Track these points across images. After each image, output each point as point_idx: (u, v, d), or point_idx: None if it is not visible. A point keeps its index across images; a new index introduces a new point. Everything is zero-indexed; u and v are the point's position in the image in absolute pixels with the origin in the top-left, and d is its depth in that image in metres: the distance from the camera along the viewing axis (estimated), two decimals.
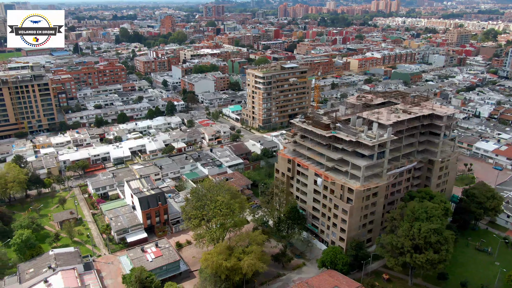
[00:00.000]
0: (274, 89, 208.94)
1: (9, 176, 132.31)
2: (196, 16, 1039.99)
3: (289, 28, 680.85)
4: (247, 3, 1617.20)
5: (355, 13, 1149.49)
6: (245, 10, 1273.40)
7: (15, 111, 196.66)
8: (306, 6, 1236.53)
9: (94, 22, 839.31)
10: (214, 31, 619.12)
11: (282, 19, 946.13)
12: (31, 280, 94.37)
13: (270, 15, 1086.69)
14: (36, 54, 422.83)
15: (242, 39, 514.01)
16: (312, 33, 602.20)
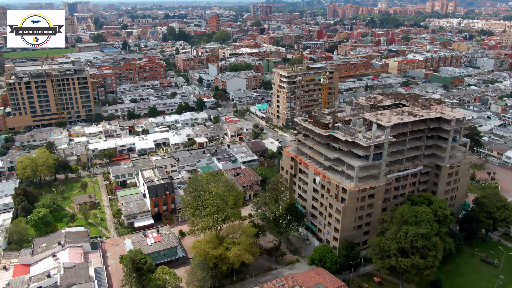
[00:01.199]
0: (299, 89, 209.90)
1: (39, 160, 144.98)
2: (245, 15, 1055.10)
3: (334, 28, 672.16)
4: (297, 3, 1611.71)
5: (408, 13, 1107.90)
6: (293, 10, 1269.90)
7: (57, 102, 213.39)
8: (357, 6, 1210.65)
9: (146, 21, 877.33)
10: (258, 31, 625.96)
11: (330, 19, 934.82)
12: (42, 254, 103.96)
13: (319, 15, 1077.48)
14: (88, 50, 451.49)
15: (283, 39, 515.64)
16: (356, 34, 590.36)
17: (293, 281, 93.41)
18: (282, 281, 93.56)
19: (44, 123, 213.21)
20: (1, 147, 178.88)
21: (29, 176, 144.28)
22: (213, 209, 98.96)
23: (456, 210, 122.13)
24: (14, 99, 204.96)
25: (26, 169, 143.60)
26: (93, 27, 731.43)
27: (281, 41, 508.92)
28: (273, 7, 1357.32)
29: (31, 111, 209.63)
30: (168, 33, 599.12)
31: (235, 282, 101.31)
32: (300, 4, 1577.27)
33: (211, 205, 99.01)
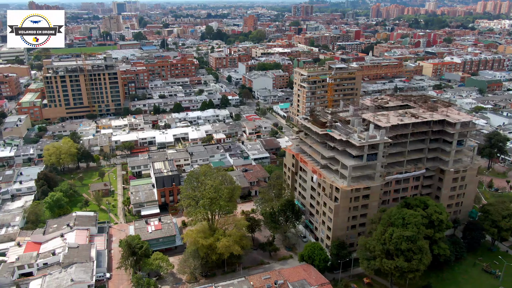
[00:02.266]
0: (319, 89, 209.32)
1: (63, 149, 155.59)
2: (285, 15, 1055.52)
3: (374, 29, 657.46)
4: (341, 3, 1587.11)
5: (457, 14, 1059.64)
6: (336, 10, 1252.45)
7: (88, 95, 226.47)
8: (402, 7, 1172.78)
9: (188, 20, 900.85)
10: (295, 31, 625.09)
11: (372, 20, 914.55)
12: (52, 234, 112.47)
13: (362, 16, 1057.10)
14: (128, 48, 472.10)
15: (319, 39, 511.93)
16: (396, 35, 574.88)
17: (279, 275, 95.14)
18: (268, 275, 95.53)
19: (77, 115, 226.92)
20: (35, 136, 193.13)
21: (54, 163, 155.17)
22: (207, 201, 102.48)
23: (463, 217, 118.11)
24: (50, 92, 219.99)
25: (51, 156, 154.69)
26: (137, 25, 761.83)
27: (317, 41, 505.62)
28: (315, 7, 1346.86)
29: (65, 103, 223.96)
30: (206, 32, 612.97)
31: (226, 272, 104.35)
32: (344, 4, 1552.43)
33: (205, 197, 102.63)
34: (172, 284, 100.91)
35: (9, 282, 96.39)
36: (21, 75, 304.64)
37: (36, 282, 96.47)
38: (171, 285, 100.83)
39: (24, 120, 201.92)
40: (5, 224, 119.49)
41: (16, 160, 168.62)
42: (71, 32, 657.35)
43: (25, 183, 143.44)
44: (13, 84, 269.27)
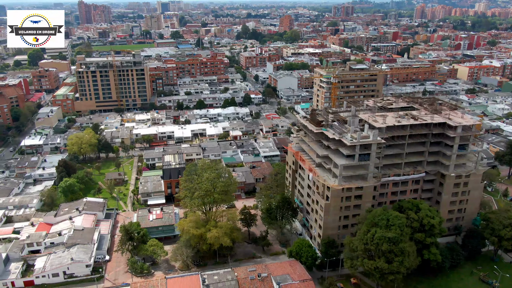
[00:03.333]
0: (338, 89, 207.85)
1: (84, 139, 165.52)
2: (325, 16, 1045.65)
3: (414, 30, 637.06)
4: (386, 4, 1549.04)
5: (509, 16, 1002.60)
6: (379, 11, 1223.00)
7: (117, 90, 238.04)
8: (450, 8, 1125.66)
9: (227, 19, 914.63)
10: (332, 31, 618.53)
11: (416, 21, 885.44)
12: (63, 216, 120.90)
13: (405, 17, 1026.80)
14: (164, 46, 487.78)
15: (354, 40, 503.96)
16: (437, 37, 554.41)
17: (265, 269, 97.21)
18: (254, 268, 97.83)
19: (106, 108, 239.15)
20: (64, 126, 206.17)
21: (75, 152, 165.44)
22: (202, 193, 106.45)
23: (466, 224, 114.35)
24: (82, 86, 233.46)
25: (73, 146, 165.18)
26: (177, 24, 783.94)
27: (351, 42, 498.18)
28: (358, 8, 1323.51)
29: (95, 97, 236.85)
30: (242, 32, 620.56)
31: (217, 263, 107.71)
32: (389, 5, 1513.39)
33: (200, 189, 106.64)
34: (165, 270, 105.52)
35: (18, 257, 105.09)
36: (61, 70, 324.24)
37: (42, 259, 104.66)
38: (164, 271, 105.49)
39: (55, 112, 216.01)
40: (23, 205, 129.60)
41: (44, 148, 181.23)
42: (114, 30, 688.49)
43: (47, 169, 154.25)
44: (52, 78, 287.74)
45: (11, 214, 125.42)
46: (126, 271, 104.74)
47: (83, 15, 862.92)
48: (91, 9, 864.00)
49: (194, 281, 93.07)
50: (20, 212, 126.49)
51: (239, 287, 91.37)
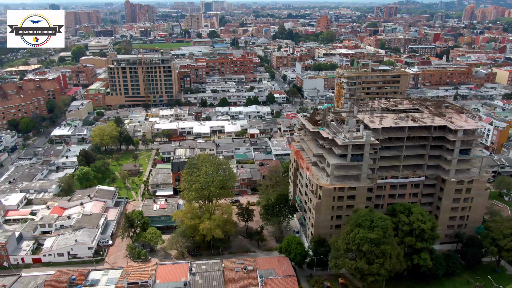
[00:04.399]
0: (359, 90, 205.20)
1: (106, 131, 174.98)
2: (367, 16, 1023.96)
3: (459, 32, 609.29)
4: (434, 5, 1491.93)
5: None
6: (425, 12, 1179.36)
7: (145, 86, 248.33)
8: (503, 9, 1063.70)
9: (267, 19, 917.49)
10: (370, 32, 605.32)
11: (464, 22, 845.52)
12: (75, 202, 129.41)
13: (453, 18, 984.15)
14: (200, 45, 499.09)
15: (391, 42, 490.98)
16: (482, 39, 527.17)
17: (252, 262, 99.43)
18: (242, 261, 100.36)
19: (134, 103, 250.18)
20: (92, 119, 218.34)
21: (97, 143, 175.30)
22: (199, 185, 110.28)
23: (469, 232, 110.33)
24: (113, 81, 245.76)
25: (96, 137, 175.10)
26: (216, 24, 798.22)
27: (388, 43, 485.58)
28: (403, 9, 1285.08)
29: (124, 92, 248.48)
30: (278, 32, 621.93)
31: (211, 254, 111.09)
32: (438, 5, 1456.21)
33: (198, 182, 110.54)
34: (161, 258, 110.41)
35: (30, 236, 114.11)
36: (99, 66, 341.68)
37: (51, 239, 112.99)
38: (160, 258, 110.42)
39: (86, 105, 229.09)
40: (43, 190, 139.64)
41: (72, 138, 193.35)
42: (156, 29, 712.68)
43: (70, 158, 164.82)
44: (89, 73, 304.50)
45: (32, 197, 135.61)
46: (125, 256, 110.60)
47: (128, 14, 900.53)
48: (136, 8, 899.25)
49: (182, 269, 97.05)
50: (39, 196, 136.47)
51: (224, 278, 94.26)
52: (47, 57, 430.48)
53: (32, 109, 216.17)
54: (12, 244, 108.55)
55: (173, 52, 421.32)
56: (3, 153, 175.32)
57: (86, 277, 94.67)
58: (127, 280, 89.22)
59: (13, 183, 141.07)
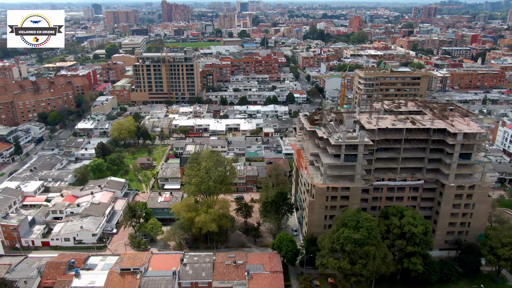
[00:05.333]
0: (377, 92, 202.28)
1: (124, 126, 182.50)
2: (405, 17, 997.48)
3: (500, 34, 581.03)
4: (478, 5, 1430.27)
5: None
6: (467, 12, 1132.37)
7: (168, 83, 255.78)
8: None
9: (300, 19, 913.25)
10: (405, 33, 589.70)
11: (508, 24, 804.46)
12: (86, 191, 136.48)
13: (498, 19, 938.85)
14: (230, 44, 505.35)
15: (425, 43, 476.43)
16: None
17: (243, 257, 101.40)
18: (234, 254, 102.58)
19: (157, 100, 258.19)
20: (116, 114, 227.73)
21: (116, 137, 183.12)
22: (198, 180, 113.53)
23: (471, 240, 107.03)
24: (137, 78, 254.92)
25: (114, 131, 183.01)
26: (249, 24, 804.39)
27: (421, 45, 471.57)
28: (445, 9, 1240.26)
29: (148, 89, 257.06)
30: (309, 32, 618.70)
31: (208, 247, 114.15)
32: (482, 6, 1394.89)
33: (197, 176, 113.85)
34: (160, 248, 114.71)
35: (42, 221, 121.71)
36: (129, 64, 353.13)
37: (60, 225, 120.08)
38: (159, 248, 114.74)
39: (110, 100, 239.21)
40: (60, 179, 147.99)
41: (94, 132, 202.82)
42: (190, 28, 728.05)
43: (89, 150, 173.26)
44: (118, 70, 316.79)
45: (49, 185, 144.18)
46: (127, 244, 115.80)
47: (165, 13, 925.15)
48: (173, 8, 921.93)
49: (175, 259, 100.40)
50: (56, 184, 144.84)
51: (213, 270, 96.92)
52: (84, 54, 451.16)
53: (61, 103, 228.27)
54: (24, 228, 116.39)
55: (202, 51, 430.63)
56: (30, 144, 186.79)
57: (85, 261, 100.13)
58: (120, 266, 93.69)
59: (33, 171, 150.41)
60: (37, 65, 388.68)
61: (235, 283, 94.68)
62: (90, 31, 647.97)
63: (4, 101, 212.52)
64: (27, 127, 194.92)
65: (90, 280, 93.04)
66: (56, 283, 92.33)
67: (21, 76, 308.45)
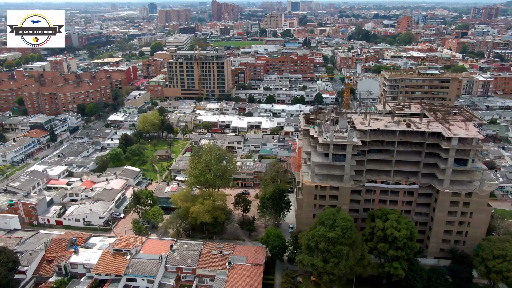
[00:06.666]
0: (402, 94, 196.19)
1: (148, 119, 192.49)
2: (463, 18, 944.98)
3: None
4: None
5: None
6: None
7: (199, 81, 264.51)
8: None
9: (350, 20, 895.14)
10: (457, 35, 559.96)
11: None
12: (102, 178, 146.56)
13: None
14: (271, 43, 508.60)
15: (476, 46, 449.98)
16: None
17: (231, 248, 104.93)
18: (222, 245, 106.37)
19: (189, 96, 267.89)
20: (147, 108, 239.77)
21: (141, 129, 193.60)
22: (197, 172, 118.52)
23: (469, 250, 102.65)
24: (171, 75, 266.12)
25: (140, 124, 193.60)
26: (296, 23, 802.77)
27: (472, 47, 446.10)
28: (510, 9, 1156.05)
29: (181, 85, 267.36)
30: (355, 32, 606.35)
31: (204, 237, 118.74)
32: None
33: (197, 168, 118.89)
34: (160, 234, 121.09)
35: (59, 202, 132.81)
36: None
37: (74, 206, 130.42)
38: (158, 234, 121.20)
39: (142, 95, 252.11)
40: (83, 165, 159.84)
41: (124, 124, 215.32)
42: (236, 27, 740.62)
43: (114, 140, 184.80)
44: (157, 66, 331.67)
45: (73, 171, 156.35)
46: (130, 229, 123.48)
47: (215, 13, 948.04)
48: (222, 7, 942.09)
49: (167, 245, 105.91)
50: (79, 170, 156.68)
51: (199, 258, 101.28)
52: (131, 51, 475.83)
53: (99, 96, 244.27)
54: (42, 207, 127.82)
55: (242, 50, 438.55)
56: (65, 132, 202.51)
57: (86, 240, 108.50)
58: (113, 246, 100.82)
59: (61, 157, 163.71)
60: (88, 60, 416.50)
61: (218, 272, 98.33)
62: (141, 29, 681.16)
63: (48, 93, 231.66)
64: (65, 117, 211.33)
65: (86, 257, 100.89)
66: (57, 257, 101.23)
67: (70, 70, 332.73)
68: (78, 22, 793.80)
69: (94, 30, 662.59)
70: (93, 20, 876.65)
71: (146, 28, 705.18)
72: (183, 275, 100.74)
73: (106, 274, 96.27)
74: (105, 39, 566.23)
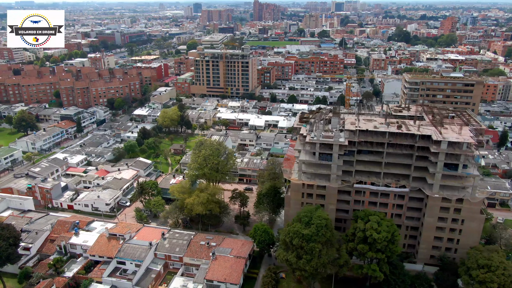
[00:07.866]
0: (422, 97, 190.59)
1: (167, 114, 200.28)
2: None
3: None
4: None
5: None
6: None
7: (224, 79, 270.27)
8: None
9: (394, 21, 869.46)
10: (507, 37, 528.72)
11: None
12: (115, 168, 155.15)
13: None
14: (306, 44, 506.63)
15: None
16: None
17: (219, 240, 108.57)
18: (212, 237, 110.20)
19: (214, 93, 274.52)
20: (171, 104, 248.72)
21: (161, 124, 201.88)
22: (196, 165, 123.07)
23: (459, 259, 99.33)
24: (197, 73, 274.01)
25: (160, 118, 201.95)
26: (336, 24, 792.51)
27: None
28: None
29: (206, 83, 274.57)
30: (395, 34, 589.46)
31: (199, 229, 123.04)
32: None
33: (196, 162, 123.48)
34: (159, 223, 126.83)
35: (73, 188, 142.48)
36: None
37: (85, 192, 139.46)
38: (158, 223, 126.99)
39: (168, 91, 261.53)
40: (102, 155, 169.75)
41: (147, 118, 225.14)
42: (276, 27, 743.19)
43: (134, 133, 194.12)
44: (188, 65, 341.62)
45: (91, 160, 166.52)
46: (133, 216, 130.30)
47: (256, 13, 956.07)
48: (264, 7, 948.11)
49: (160, 233, 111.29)
50: (97, 160, 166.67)
51: (187, 247, 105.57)
52: (169, 49, 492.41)
53: (128, 91, 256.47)
54: (57, 191, 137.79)
55: (276, 50, 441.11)
56: (93, 124, 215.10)
57: (88, 224, 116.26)
58: (108, 231, 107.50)
59: (82, 147, 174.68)
60: (128, 57, 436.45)
61: (203, 261, 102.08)
62: (183, 28, 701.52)
63: (82, 87, 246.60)
64: (94, 110, 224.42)
65: (84, 239, 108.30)
66: (59, 237, 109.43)
67: (108, 67, 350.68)
68: (125, 21, 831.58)
69: (138, 28, 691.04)
70: (139, 19, 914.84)
71: (187, 27, 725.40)
72: (171, 262, 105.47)
73: (100, 256, 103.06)
74: (146, 37, 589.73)
